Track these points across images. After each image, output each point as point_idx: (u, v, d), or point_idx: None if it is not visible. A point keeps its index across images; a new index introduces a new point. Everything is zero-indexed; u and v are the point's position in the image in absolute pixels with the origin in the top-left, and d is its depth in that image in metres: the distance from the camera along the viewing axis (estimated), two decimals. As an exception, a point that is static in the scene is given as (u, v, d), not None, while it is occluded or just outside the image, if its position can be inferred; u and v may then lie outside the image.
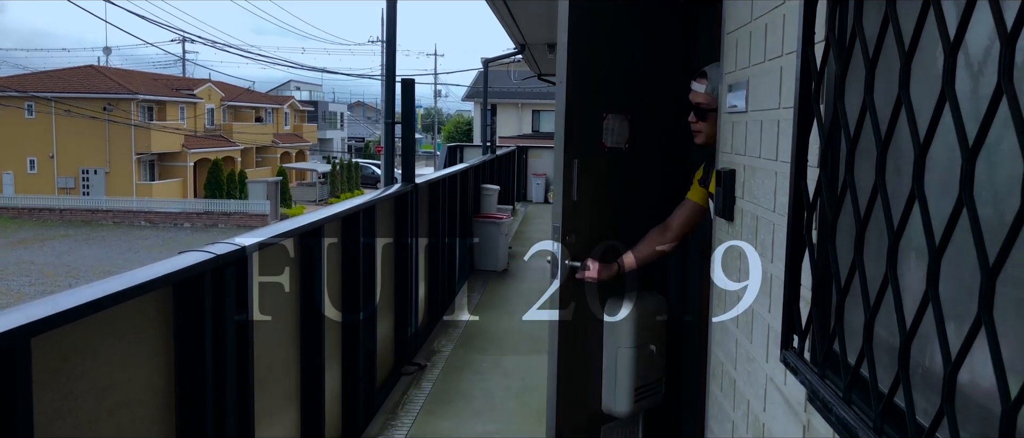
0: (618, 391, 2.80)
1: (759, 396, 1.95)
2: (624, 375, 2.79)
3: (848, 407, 1.31)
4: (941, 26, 1.02)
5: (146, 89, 38.05)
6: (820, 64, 1.48)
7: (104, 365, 1.98)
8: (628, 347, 2.77)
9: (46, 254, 27.39)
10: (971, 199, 0.94)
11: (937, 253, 1.01)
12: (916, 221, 1.08)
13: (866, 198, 1.25)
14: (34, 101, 36.14)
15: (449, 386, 4.65)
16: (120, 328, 2.04)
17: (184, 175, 39.04)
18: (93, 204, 35.67)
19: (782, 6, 1.78)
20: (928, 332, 1.10)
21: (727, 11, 2.39)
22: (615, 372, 2.80)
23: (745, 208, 2.14)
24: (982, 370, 1.05)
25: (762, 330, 1.94)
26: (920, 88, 1.14)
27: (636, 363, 2.79)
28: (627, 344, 2.77)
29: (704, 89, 2.38)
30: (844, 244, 1.41)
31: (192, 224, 34.15)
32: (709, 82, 2.37)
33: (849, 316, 1.38)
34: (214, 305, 2.30)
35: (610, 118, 2.74)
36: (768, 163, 1.89)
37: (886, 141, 1.19)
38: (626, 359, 2.78)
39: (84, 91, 36.00)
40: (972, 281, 0.95)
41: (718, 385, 2.47)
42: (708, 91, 2.38)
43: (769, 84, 1.89)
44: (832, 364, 1.43)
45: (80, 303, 1.76)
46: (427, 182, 5.71)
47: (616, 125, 2.76)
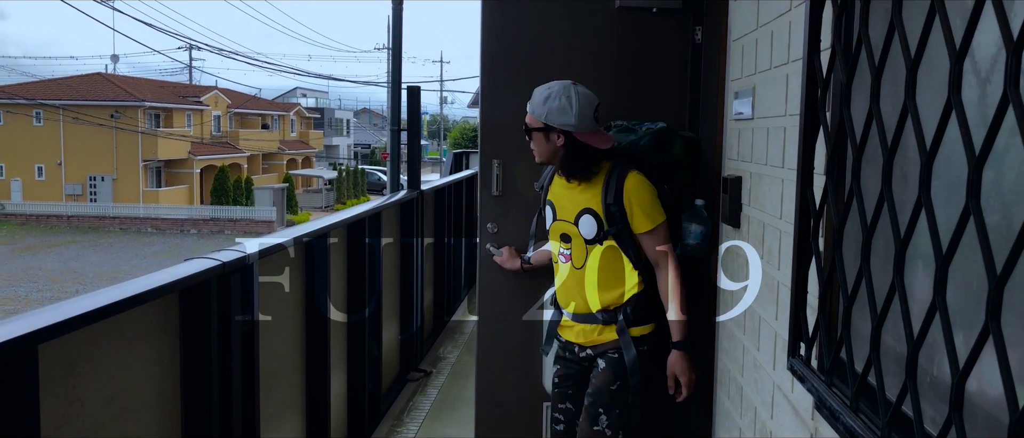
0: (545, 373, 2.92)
1: (766, 403, 1.94)
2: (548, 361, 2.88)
3: (855, 415, 1.31)
4: (947, 33, 1.02)
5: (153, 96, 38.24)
6: (826, 71, 1.48)
7: (110, 371, 1.98)
8: None
9: (53, 260, 27.50)
10: (978, 207, 0.94)
11: (944, 261, 1.01)
12: (923, 229, 1.08)
13: (873, 205, 1.24)
14: (42, 109, 36.36)
15: (455, 392, 4.64)
16: (127, 335, 2.04)
17: (190, 182, 39.19)
18: (100, 210, 35.85)
19: (788, 13, 1.78)
20: (935, 340, 1.10)
21: (733, 18, 2.39)
22: None
23: (751, 215, 2.14)
24: (990, 378, 1.04)
25: (769, 337, 1.93)
26: (926, 95, 1.14)
27: None
28: None
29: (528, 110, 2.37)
30: (851, 252, 1.41)
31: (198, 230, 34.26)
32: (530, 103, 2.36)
33: (856, 324, 1.38)
34: (220, 311, 2.30)
35: None
36: (774, 170, 1.89)
37: (892, 149, 1.18)
38: None
39: (92, 98, 36.20)
40: (980, 289, 0.95)
41: (725, 392, 2.47)
42: (529, 112, 2.36)
43: (775, 91, 1.89)
44: (839, 372, 1.43)
45: (87, 310, 1.76)
46: (433, 188, 5.72)
47: None
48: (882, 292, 1.21)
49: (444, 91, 53.05)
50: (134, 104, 36.61)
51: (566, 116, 2.30)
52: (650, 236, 2.35)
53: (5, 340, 1.51)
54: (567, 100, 2.30)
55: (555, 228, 2.50)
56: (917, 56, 1.11)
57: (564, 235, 2.46)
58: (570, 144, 2.33)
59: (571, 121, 2.30)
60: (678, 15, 2.83)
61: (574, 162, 2.35)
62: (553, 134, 2.33)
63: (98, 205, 36.55)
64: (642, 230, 2.35)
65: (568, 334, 2.53)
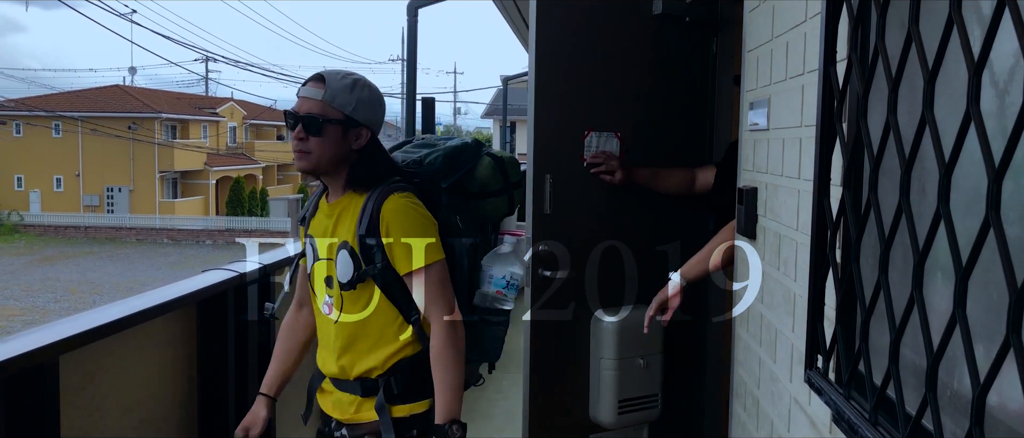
0: (601, 401, 2.82)
1: (783, 416, 1.93)
2: (606, 386, 2.80)
3: (874, 429, 1.29)
4: (965, 44, 1.01)
5: (170, 108, 38.65)
6: (842, 83, 1.48)
7: (129, 382, 2.00)
8: (610, 358, 2.78)
9: (71, 271, 27.76)
10: (998, 219, 0.93)
11: (964, 274, 1.00)
12: (942, 241, 1.07)
13: (890, 217, 1.24)
14: (61, 121, 36.81)
15: (470, 405, 4.61)
16: (145, 345, 2.06)
17: (206, 192, 39.49)
18: (117, 222, 36.20)
19: (804, 24, 1.78)
20: (956, 353, 1.09)
21: (748, 29, 2.39)
22: (598, 382, 2.82)
23: (767, 226, 2.13)
24: (1011, 392, 1.03)
25: (785, 350, 1.92)
26: (944, 106, 1.13)
27: (619, 375, 2.78)
28: (609, 355, 2.79)
29: (321, 96, 1.79)
30: (868, 263, 1.40)
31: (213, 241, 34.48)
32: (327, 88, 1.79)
33: (874, 336, 1.37)
34: (237, 322, 2.32)
35: (593, 135, 2.80)
36: (791, 181, 1.88)
37: (910, 161, 1.18)
38: (608, 370, 2.80)
39: (110, 110, 36.64)
40: (1000, 301, 0.94)
41: (741, 405, 2.45)
42: (326, 99, 1.78)
43: (791, 102, 1.88)
44: (857, 385, 1.42)
45: (107, 321, 1.78)
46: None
47: (600, 142, 2.81)
48: (900, 304, 1.20)
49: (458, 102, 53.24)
50: (151, 116, 37.02)
51: (375, 113, 1.87)
52: (416, 281, 1.82)
53: (27, 350, 1.53)
54: (373, 92, 1.88)
55: (318, 270, 1.92)
56: (935, 67, 1.11)
57: (328, 278, 1.89)
58: (373, 147, 1.88)
59: (377, 119, 1.88)
60: (704, 25, 2.86)
61: (375, 168, 1.87)
62: (353, 131, 1.83)
63: (115, 216, 36.92)
64: (403, 271, 1.82)
65: (325, 403, 1.99)
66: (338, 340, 1.88)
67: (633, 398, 2.83)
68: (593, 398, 2.84)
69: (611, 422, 2.82)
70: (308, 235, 1.95)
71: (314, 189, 2.02)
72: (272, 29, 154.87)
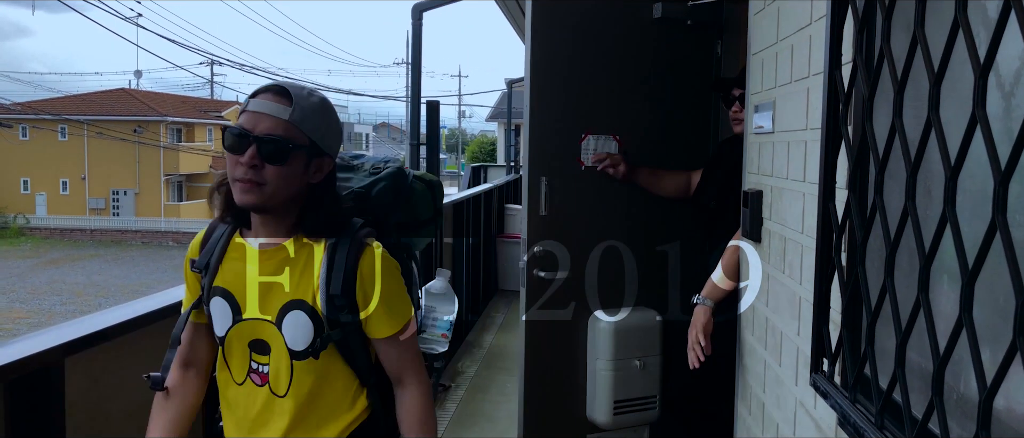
0: (596, 402, 2.83)
1: (788, 420, 1.93)
2: (602, 387, 2.80)
3: (880, 432, 1.29)
4: (971, 47, 1.01)
5: (175, 111, 38.77)
6: (847, 85, 1.48)
7: (134, 385, 2.00)
8: (606, 359, 2.78)
9: (77, 274, 27.85)
10: (1005, 221, 0.93)
11: (970, 277, 1.00)
12: (948, 243, 1.07)
13: (896, 220, 1.23)
14: (67, 124, 36.95)
15: (473, 407, 4.63)
16: (151, 348, 2.07)
17: (211, 196, 39.53)
18: (123, 224, 36.31)
19: (808, 27, 1.78)
20: (962, 357, 1.08)
21: (753, 32, 2.39)
22: (594, 383, 2.82)
23: (772, 229, 2.13)
24: (1018, 396, 1.03)
25: (791, 353, 1.92)
26: (950, 109, 1.13)
27: (614, 376, 2.78)
28: (605, 356, 2.79)
29: (287, 116, 1.42)
30: (874, 266, 1.40)
31: (219, 244, 34.49)
32: (295, 106, 1.43)
33: (880, 339, 1.36)
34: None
35: (590, 138, 2.79)
36: (796, 184, 1.88)
37: (916, 164, 1.18)
38: (604, 371, 2.80)
39: (116, 114, 36.77)
40: (1007, 305, 0.94)
41: (747, 408, 2.45)
42: (293, 120, 1.42)
43: (796, 105, 1.88)
44: (863, 388, 1.41)
45: (113, 324, 1.79)
46: (451, 202, 5.73)
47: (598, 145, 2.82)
48: (906, 307, 1.20)
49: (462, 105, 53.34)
50: (156, 119, 37.14)
51: (338, 140, 1.55)
52: (392, 344, 1.55)
53: (33, 353, 1.53)
54: (337, 116, 1.54)
55: (240, 332, 1.53)
56: (940, 70, 1.10)
57: (258, 343, 1.52)
58: (330, 182, 1.54)
59: (337, 148, 1.56)
60: (707, 29, 2.86)
61: (335, 210, 1.53)
62: (316, 162, 1.48)
63: (121, 219, 37.04)
64: (384, 334, 1.54)
65: None
66: (282, 417, 1.52)
67: (630, 399, 2.83)
68: (589, 398, 2.84)
69: (607, 423, 2.82)
70: (215, 286, 1.54)
71: None
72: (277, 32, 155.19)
